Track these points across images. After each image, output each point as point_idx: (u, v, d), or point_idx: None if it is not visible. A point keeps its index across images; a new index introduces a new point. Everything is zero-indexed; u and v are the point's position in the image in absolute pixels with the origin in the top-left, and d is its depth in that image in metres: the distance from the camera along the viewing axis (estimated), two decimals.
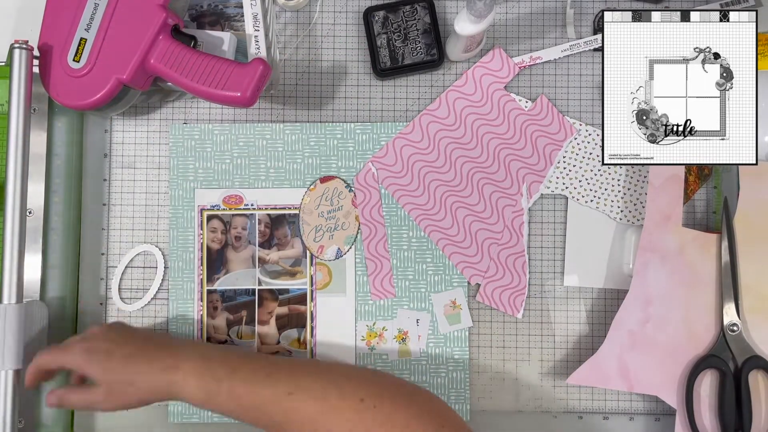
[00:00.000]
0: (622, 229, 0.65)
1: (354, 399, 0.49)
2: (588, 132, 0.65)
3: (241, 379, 0.51)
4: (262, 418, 0.51)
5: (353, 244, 0.65)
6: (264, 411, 0.51)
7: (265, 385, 0.51)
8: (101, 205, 0.66)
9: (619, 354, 0.61)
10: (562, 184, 0.65)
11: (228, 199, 0.65)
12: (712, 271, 0.61)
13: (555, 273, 0.65)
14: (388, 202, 0.65)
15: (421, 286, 0.65)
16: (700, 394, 0.60)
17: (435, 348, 0.64)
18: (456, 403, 0.64)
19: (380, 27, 0.65)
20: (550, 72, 0.66)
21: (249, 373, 0.52)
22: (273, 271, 0.65)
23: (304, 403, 0.50)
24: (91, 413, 0.65)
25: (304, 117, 0.67)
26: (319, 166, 0.66)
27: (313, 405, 0.49)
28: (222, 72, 0.56)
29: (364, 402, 0.49)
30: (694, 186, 0.64)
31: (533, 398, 0.64)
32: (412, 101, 0.66)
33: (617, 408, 0.64)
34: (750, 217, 0.61)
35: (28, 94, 0.59)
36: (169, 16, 0.57)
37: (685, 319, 0.60)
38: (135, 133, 0.66)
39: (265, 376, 0.51)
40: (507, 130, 0.65)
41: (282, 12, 0.67)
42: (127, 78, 0.56)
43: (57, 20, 0.58)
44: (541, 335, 0.65)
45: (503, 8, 0.67)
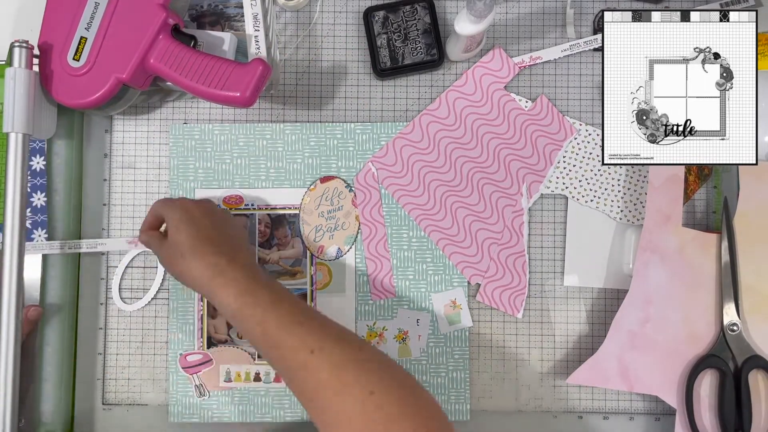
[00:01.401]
0: (622, 229, 0.65)
1: (364, 391, 0.48)
2: (588, 132, 0.65)
3: (275, 315, 0.51)
4: (280, 360, 0.51)
5: (353, 244, 0.65)
6: (283, 354, 0.51)
7: (293, 332, 0.51)
8: (101, 205, 0.66)
9: (619, 354, 0.61)
10: (562, 184, 0.65)
11: (228, 199, 0.65)
12: (712, 271, 0.61)
13: (555, 273, 0.65)
14: (388, 202, 0.65)
15: (421, 286, 0.65)
16: (700, 394, 0.60)
17: (435, 348, 0.64)
18: (456, 403, 0.64)
19: (380, 27, 0.65)
20: (550, 72, 0.66)
21: (285, 313, 0.52)
22: (273, 271, 0.65)
23: (318, 369, 0.49)
24: (91, 413, 0.65)
25: (304, 117, 0.67)
26: (319, 166, 0.66)
27: (327, 374, 0.49)
28: (222, 72, 0.56)
29: (372, 396, 0.48)
30: (694, 186, 0.64)
31: (533, 398, 0.64)
32: (412, 101, 0.66)
33: (617, 408, 0.64)
34: (750, 217, 0.61)
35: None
36: (170, 15, 0.57)
37: (685, 319, 0.60)
38: (135, 133, 0.66)
39: (298, 323, 0.51)
40: (507, 130, 0.65)
41: (282, 12, 0.67)
42: (127, 77, 0.56)
43: (57, 19, 0.58)
44: (541, 335, 0.65)
45: (503, 8, 0.67)
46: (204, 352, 0.64)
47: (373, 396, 0.48)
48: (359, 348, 0.52)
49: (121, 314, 0.65)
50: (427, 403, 0.51)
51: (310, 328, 0.51)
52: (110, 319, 0.65)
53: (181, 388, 0.64)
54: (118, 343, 0.65)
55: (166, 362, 0.65)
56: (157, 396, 0.65)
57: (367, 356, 0.51)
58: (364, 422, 0.47)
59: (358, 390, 0.48)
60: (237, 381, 0.64)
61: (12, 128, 0.56)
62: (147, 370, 0.65)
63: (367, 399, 0.48)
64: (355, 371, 0.49)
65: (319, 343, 0.50)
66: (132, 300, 0.65)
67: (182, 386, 0.64)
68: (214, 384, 0.64)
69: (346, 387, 0.49)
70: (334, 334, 0.52)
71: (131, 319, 0.65)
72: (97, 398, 0.65)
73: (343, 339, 0.52)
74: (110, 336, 0.65)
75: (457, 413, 0.64)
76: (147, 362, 0.65)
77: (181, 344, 0.64)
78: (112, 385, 0.65)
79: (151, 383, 0.65)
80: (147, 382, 0.65)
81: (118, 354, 0.65)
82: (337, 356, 0.50)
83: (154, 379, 0.65)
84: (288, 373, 0.51)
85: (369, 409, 0.48)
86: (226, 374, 0.64)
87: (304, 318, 0.52)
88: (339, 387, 0.49)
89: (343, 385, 0.49)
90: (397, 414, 0.48)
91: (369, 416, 0.48)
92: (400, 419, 0.48)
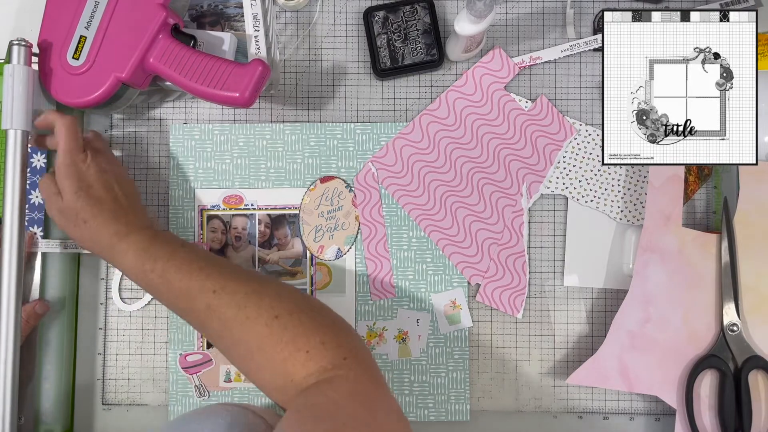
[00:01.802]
0: (622, 229, 0.65)
1: (269, 315, 0.50)
2: (588, 132, 0.65)
3: (175, 265, 0.53)
4: (186, 309, 0.53)
5: (353, 244, 0.65)
6: (189, 300, 0.52)
7: (194, 277, 0.53)
8: None
9: (619, 354, 0.61)
10: (562, 184, 0.65)
11: (228, 199, 0.65)
12: (712, 271, 0.61)
13: (555, 273, 0.65)
14: (388, 202, 0.65)
15: (421, 286, 0.65)
16: (700, 394, 0.60)
17: (435, 348, 0.64)
18: (456, 403, 0.64)
19: (380, 27, 0.65)
20: (550, 72, 0.66)
21: (184, 261, 0.54)
22: (273, 271, 0.65)
23: (224, 306, 0.51)
24: (91, 413, 0.65)
25: (304, 117, 0.67)
26: (319, 166, 0.66)
27: (232, 310, 0.51)
28: (221, 72, 0.56)
29: (278, 319, 0.50)
30: (694, 186, 0.64)
31: (533, 398, 0.64)
32: (412, 101, 0.66)
33: (617, 408, 0.64)
34: (750, 217, 0.61)
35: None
36: (169, 15, 0.57)
37: (685, 319, 0.60)
38: (135, 133, 0.66)
39: (197, 269, 0.53)
40: (507, 130, 0.65)
41: (282, 12, 0.67)
42: (127, 76, 0.56)
43: (57, 18, 0.58)
44: (541, 335, 0.65)
45: (503, 8, 0.67)
46: (204, 353, 0.64)
47: (279, 319, 0.50)
48: (259, 281, 0.54)
49: (121, 314, 0.65)
50: (334, 319, 0.54)
51: (209, 271, 0.53)
52: (110, 319, 0.65)
53: (181, 388, 0.64)
54: (118, 343, 0.65)
55: (166, 362, 0.65)
56: (157, 396, 0.65)
57: (267, 287, 0.53)
58: (273, 344, 0.49)
59: (263, 317, 0.50)
60: (237, 381, 0.64)
61: (11, 125, 0.56)
62: (147, 370, 0.65)
63: (273, 323, 0.50)
64: (258, 301, 0.51)
65: (221, 282, 0.52)
66: (132, 300, 0.65)
67: (182, 386, 0.64)
68: (213, 384, 0.64)
69: (250, 318, 0.50)
70: (235, 273, 0.54)
71: (131, 319, 0.65)
72: (97, 398, 0.65)
73: (243, 275, 0.54)
74: (110, 336, 0.65)
75: (457, 413, 0.64)
76: (147, 362, 0.65)
77: (181, 344, 0.64)
78: (112, 385, 0.65)
79: (151, 383, 0.65)
80: (147, 382, 0.65)
81: (118, 354, 0.65)
82: (239, 292, 0.52)
83: (154, 379, 0.65)
84: (197, 320, 0.53)
85: (276, 332, 0.49)
86: (225, 374, 0.64)
87: (204, 263, 0.54)
88: (243, 319, 0.50)
89: (247, 317, 0.50)
90: (303, 330, 0.50)
91: (277, 338, 0.49)
92: (307, 334, 0.49)
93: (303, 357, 0.48)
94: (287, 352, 0.49)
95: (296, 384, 0.48)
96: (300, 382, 0.48)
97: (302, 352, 0.48)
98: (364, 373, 0.49)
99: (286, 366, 0.48)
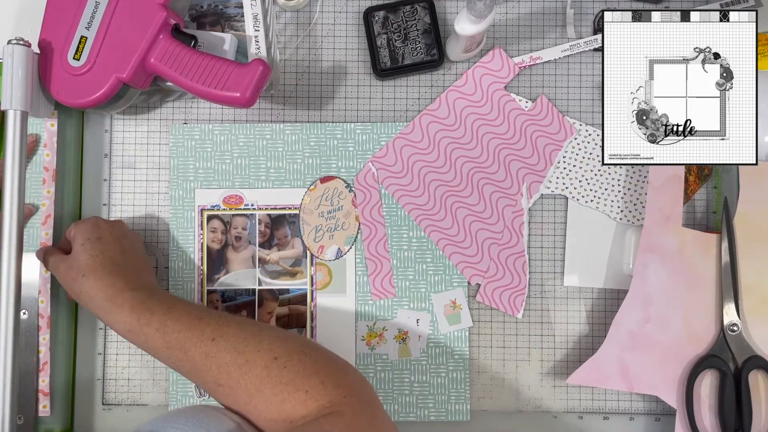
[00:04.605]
0: (622, 229, 0.65)
1: (269, 356, 0.50)
2: (588, 132, 0.65)
3: (174, 317, 0.53)
4: (183, 359, 0.52)
5: (353, 244, 0.65)
6: (186, 351, 0.52)
7: (193, 327, 0.52)
8: (101, 205, 0.66)
9: (619, 354, 0.61)
10: (562, 184, 0.65)
11: (228, 199, 0.65)
12: (712, 271, 0.61)
13: (555, 273, 0.65)
14: (388, 202, 0.65)
15: (421, 286, 0.65)
16: (700, 394, 0.60)
17: (435, 348, 0.64)
18: (456, 403, 0.64)
19: (380, 27, 0.65)
20: (550, 72, 0.66)
21: (183, 313, 0.53)
22: (273, 272, 0.65)
23: (223, 351, 0.51)
24: (91, 413, 0.65)
25: (304, 117, 0.67)
26: (319, 166, 0.66)
27: (230, 355, 0.51)
28: (222, 72, 0.56)
29: (276, 360, 0.50)
30: (694, 186, 0.64)
31: (533, 398, 0.64)
32: (412, 101, 0.66)
33: (617, 408, 0.64)
34: (750, 217, 0.61)
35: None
36: (170, 15, 0.57)
37: (685, 319, 0.60)
38: (135, 133, 0.67)
39: (196, 319, 0.53)
40: (507, 130, 0.65)
41: (282, 12, 0.67)
42: (127, 77, 0.56)
43: (58, 18, 0.58)
44: (541, 335, 0.65)
45: (503, 8, 0.67)
46: None
47: (277, 360, 0.50)
48: (258, 326, 0.54)
49: None
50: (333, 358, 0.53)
51: (208, 320, 0.53)
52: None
53: (181, 388, 0.64)
54: (118, 343, 0.65)
55: None
56: (157, 396, 0.65)
57: (266, 331, 0.53)
58: (273, 386, 0.49)
59: (262, 360, 0.50)
60: None
61: (10, 105, 0.56)
62: (147, 370, 0.65)
63: (272, 364, 0.50)
64: (256, 345, 0.51)
65: (219, 330, 0.52)
66: None
67: (182, 386, 0.64)
68: None
69: (249, 362, 0.50)
70: (232, 321, 0.53)
71: None
72: (97, 398, 0.65)
73: (241, 323, 0.54)
74: (110, 336, 0.65)
75: (457, 413, 0.64)
76: (147, 362, 0.65)
77: None
78: (112, 385, 0.65)
79: (151, 383, 0.65)
80: (147, 382, 0.65)
81: (118, 354, 0.65)
82: (238, 337, 0.52)
83: (154, 379, 0.65)
84: (194, 370, 0.52)
85: (275, 373, 0.49)
86: None
87: (203, 314, 0.54)
88: (242, 363, 0.50)
89: (246, 361, 0.50)
90: (303, 371, 0.50)
91: (276, 379, 0.49)
92: (307, 374, 0.49)
93: (302, 397, 0.48)
94: (286, 393, 0.48)
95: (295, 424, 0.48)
96: (299, 422, 0.48)
97: (301, 392, 0.48)
98: (363, 410, 0.49)
99: (285, 407, 0.48)
